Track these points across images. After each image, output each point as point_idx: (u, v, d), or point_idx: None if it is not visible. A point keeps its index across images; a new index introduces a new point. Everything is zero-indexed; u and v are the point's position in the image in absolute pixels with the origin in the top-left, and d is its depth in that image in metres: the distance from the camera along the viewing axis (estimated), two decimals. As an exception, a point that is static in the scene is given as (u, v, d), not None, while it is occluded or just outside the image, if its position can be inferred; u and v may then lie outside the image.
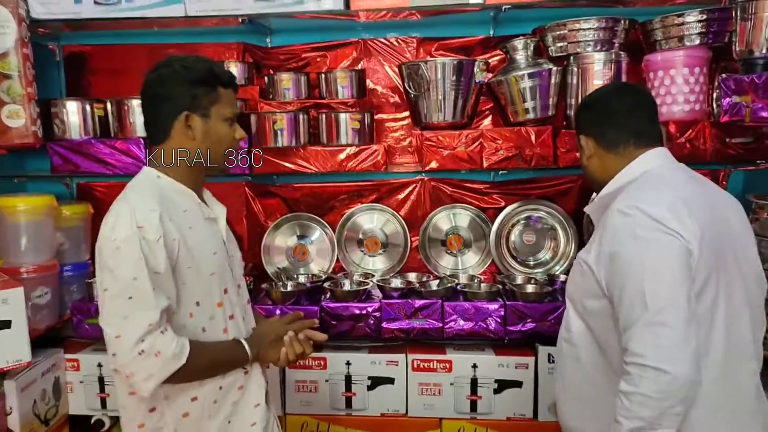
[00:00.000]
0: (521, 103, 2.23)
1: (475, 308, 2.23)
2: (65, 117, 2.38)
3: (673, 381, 1.16)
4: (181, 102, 1.39)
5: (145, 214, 1.31)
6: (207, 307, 1.42)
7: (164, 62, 1.43)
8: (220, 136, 1.44)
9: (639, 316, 1.21)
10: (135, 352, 1.27)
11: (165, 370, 1.30)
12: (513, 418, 2.28)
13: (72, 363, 2.41)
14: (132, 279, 1.28)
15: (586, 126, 1.50)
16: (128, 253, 1.28)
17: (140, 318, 1.28)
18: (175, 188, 1.42)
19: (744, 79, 1.83)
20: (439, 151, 2.23)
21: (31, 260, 2.27)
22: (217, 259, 1.44)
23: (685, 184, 1.37)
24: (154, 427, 1.40)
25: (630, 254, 1.25)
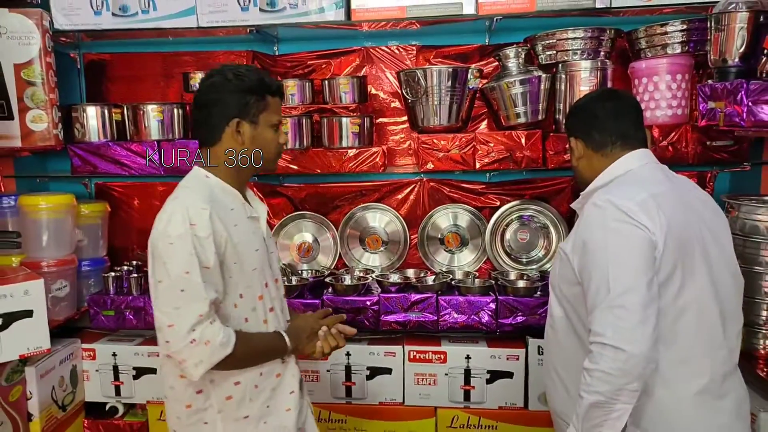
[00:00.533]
0: (513, 108, 2.35)
1: (468, 302, 2.34)
2: (85, 121, 2.53)
3: (629, 359, 1.25)
4: (232, 109, 1.50)
5: (197, 212, 1.41)
6: (249, 300, 1.53)
7: (217, 70, 1.54)
8: (267, 141, 1.55)
9: (602, 299, 1.31)
10: (187, 341, 1.39)
11: (213, 357, 1.41)
12: (504, 408, 2.39)
13: (88, 352, 2.55)
14: (184, 273, 1.38)
15: (576, 129, 1.61)
16: (181, 248, 1.39)
17: (191, 309, 1.39)
18: (223, 188, 1.53)
19: (718, 86, 1.92)
20: (435, 154, 2.36)
21: (51, 255, 2.43)
22: (259, 255, 1.55)
23: (660, 182, 1.45)
24: (200, 408, 1.51)
25: (598, 243, 1.36)
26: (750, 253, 1.97)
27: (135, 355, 2.53)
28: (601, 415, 1.30)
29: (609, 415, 1.30)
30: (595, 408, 1.30)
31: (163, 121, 2.49)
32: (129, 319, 2.49)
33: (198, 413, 1.51)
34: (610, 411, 1.29)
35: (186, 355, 1.40)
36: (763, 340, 1.99)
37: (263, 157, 1.56)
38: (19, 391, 2.26)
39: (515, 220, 2.60)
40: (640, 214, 1.35)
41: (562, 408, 1.54)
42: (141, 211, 2.80)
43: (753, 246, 1.97)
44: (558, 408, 1.56)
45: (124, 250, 2.83)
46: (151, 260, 1.46)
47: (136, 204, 2.80)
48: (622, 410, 1.29)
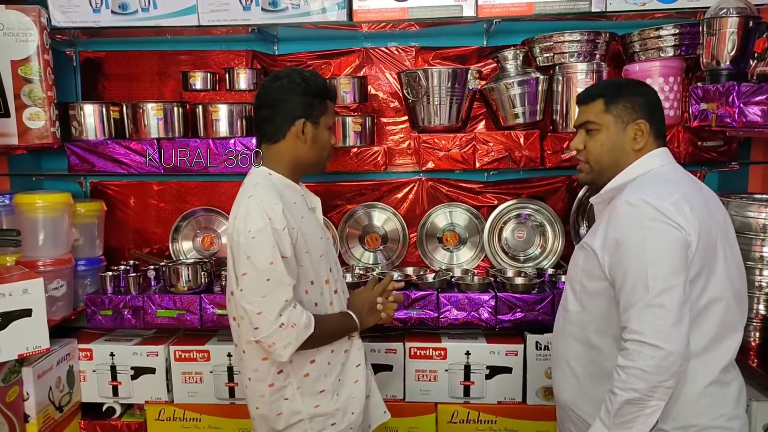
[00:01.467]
0: (511, 108, 2.40)
1: (468, 299, 2.38)
2: (82, 119, 2.51)
3: (668, 356, 1.29)
4: (299, 109, 1.61)
5: (271, 208, 1.52)
6: (318, 285, 1.66)
7: (285, 72, 1.65)
8: (324, 141, 1.68)
9: (640, 298, 1.33)
10: (276, 325, 1.51)
11: (300, 338, 1.55)
12: (503, 402, 2.43)
13: (85, 352, 2.53)
14: (269, 264, 1.50)
15: (644, 109, 1.51)
16: (263, 241, 1.50)
17: (278, 296, 1.51)
18: (285, 183, 1.65)
19: (710, 88, 1.98)
20: (435, 153, 2.40)
21: (47, 254, 2.40)
22: (323, 242, 1.69)
23: (686, 183, 1.47)
24: (281, 386, 1.65)
25: (635, 242, 1.36)
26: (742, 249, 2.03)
27: (133, 355, 2.51)
28: (634, 412, 1.33)
29: (642, 411, 1.32)
30: (629, 405, 1.32)
31: (163, 120, 2.48)
32: (127, 319, 2.47)
33: (280, 390, 1.65)
34: (643, 407, 1.32)
35: (276, 338, 1.52)
36: (755, 333, 2.06)
37: (319, 155, 1.69)
38: (15, 392, 2.23)
39: (513, 219, 2.66)
40: (676, 214, 1.36)
41: (572, 399, 1.57)
42: (137, 210, 2.78)
43: (744, 242, 2.04)
44: (568, 399, 1.58)
45: (120, 249, 2.81)
46: (232, 254, 1.58)
47: (132, 203, 2.79)
48: (655, 407, 1.32)
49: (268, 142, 1.66)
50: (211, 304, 2.43)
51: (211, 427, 2.52)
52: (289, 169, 1.66)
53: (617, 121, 1.51)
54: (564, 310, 1.60)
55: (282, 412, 1.66)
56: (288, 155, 1.64)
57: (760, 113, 1.83)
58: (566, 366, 1.58)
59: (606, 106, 1.52)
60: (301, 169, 1.70)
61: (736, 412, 1.47)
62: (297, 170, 1.68)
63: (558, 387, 1.63)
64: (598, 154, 1.54)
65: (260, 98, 1.65)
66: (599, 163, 1.55)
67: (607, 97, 1.52)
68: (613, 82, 1.60)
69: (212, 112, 2.47)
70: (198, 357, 2.50)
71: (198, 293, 2.45)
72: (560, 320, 1.62)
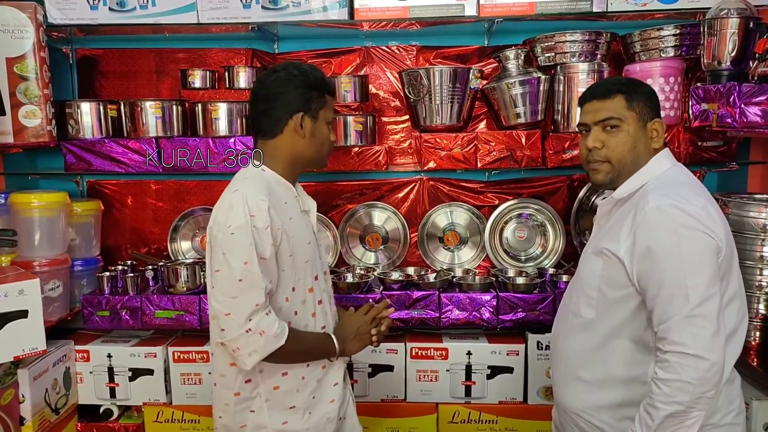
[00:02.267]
0: (513, 108, 2.40)
1: (469, 299, 2.38)
2: (79, 117, 2.48)
3: (711, 367, 1.27)
4: (297, 103, 1.55)
5: (256, 204, 1.44)
6: (300, 293, 1.57)
7: (282, 66, 1.59)
8: (323, 137, 1.61)
9: (679, 309, 1.29)
10: (243, 330, 1.43)
11: (266, 348, 1.45)
12: (505, 402, 2.43)
13: (82, 354, 2.49)
14: (243, 263, 1.42)
15: (656, 111, 1.50)
16: (241, 239, 1.42)
17: (249, 298, 1.43)
18: (278, 181, 1.57)
19: (711, 89, 1.99)
20: (437, 152, 2.39)
21: (44, 254, 2.37)
22: (311, 248, 1.60)
23: (699, 186, 1.47)
24: (248, 396, 1.56)
25: (670, 250, 1.32)
26: (741, 249, 2.05)
27: (131, 356, 2.48)
28: (674, 424, 1.30)
29: (683, 423, 1.30)
30: (671, 418, 1.30)
31: (161, 118, 2.46)
32: (125, 320, 2.44)
33: (246, 401, 1.56)
34: (685, 419, 1.30)
35: (241, 343, 1.44)
36: (755, 332, 2.08)
37: (319, 151, 1.61)
38: (11, 395, 2.19)
39: (514, 218, 2.66)
40: (708, 220, 1.34)
41: (580, 405, 1.52)
42: (134, 210, 2.75)
43: (745, 242, 2.05)
44: (575, 405, 1.53)
45: (117, 249, 2.77)
46: (209, 250, 1.50)
47: (129, 202, 2.75)
48: (696, 417, 1.30)
49: (264, 137, 1.59)
50: (211, 304, 2.40)
51: (210, 429, 2.49)
52: (287, 166, 1.59)
53: (639, 118, 1.47)
54: (573, 315, 1.53)
55: (246, 425, 1.57)
56: (285, 151, 1.57)
57: (761, 114, 1.84)
58: (573, 372, 1.53)
59: (628, 103, 1.47)
60: (299, 166, 1.62)
61: (741, 407, 1.49)
62: (295, 167, 1.61)
63: (562, 392, 1.58)
64: (621, 152, 1.46)
65: (256, 92, 1.59)
66: (621, 162, 1.47)
67: (627, 93, 1.47)
68: (626, 79, 1.56)
69: (211, 111, 2.45)
70: (197, 358, 2.47)
71: (197, 294, 2.43)
72: (567, 325, 1.57)
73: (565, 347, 1.58)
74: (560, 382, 1.59)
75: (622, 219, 1.44)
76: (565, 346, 1.57)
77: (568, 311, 1.58)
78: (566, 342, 1.57)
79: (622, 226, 1.42)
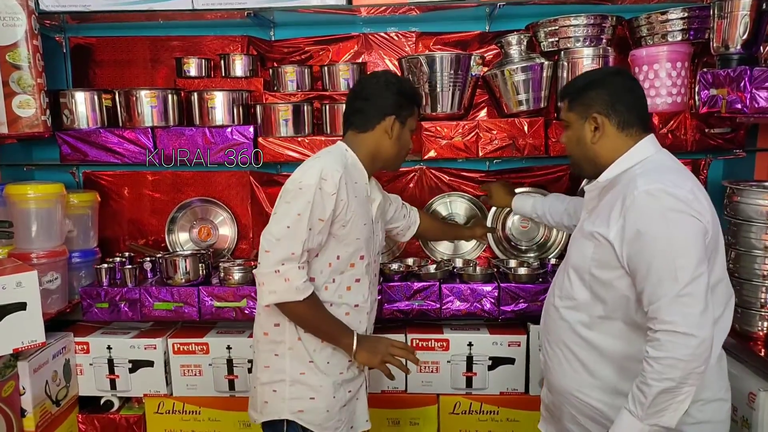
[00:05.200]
0: (515, 95, 2.35)
1: (470, 290, 2.35)
2: (74, 107, 2.45)
3: (701, 344, 1.32)
4: (391, 107, 1.75)
5: (330, 171, 1.62)
6: (343, 263, 1.72)
7: (382, 72, 1.83)
8: (405, 142, 1.82)
9: (669, 289, 1.34)
10: (273, 269, 1.60)
11: (285, 295, 1.61)
12: (506, 393, 2.42)
13: (82, 346, 2.49)
14: (297, 214, 1.59)
15: (597, 104, 1.54)
16: (305, 195, 1.59)
17: (288, 245, 1.59)
18: (355, 164, 1.75)
19: (720, 73, 1.94)
20: (438, 141, 2.35)
21: (41, 246, 2.35)
22: (365, 229, 1.75)
23: (685, 170, 1.51)
24: (275, 339, 1.73)
25: (659, 233, 1.37)
26: (750, 237, 2.01)
27: (131, 348, 2.47)
28: (667, 400, 1.35)
29: (675, 398, 1.35)
30: (664, 393, 1.34)
31: (157, 108, 2.42)
32: (124, 311, 2.42)
33: (272, 343, 1.74)
34: (676, 395, 1.35)
35: (267, 280, 1.61)
36: (761, 322, 2.04)
37: (398, 153, 1.81)
38: (11, 387, 2.19)
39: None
40: (695, 203, 1.39)
41: (575, 385, 1.57)
42: (131, 201, 2.73)
43: (753, 230, 2.01)
44: (569, 385, 1.58)
45: (115, 241, 2.76)
46: (279, 198, 1.67)
47: (126, 193, 2.73)
48: (687, 393, 1.35)
49: (355, 130, 1.77)
50: (210, 296, 2.38)
51: (211, 420, 2.50)
52: (367, 159, 1.76)
53: (578, 117, 1.58)
54: (568, 299, 1.58)
55: (269, 366, 1.74)
56: (371, 146, 1.75)
57: (773, 99, 1.79)
58: (568, 353, 1.58)
59: (569, 105, 1.61)
60: (378, 163, 1.79)
61: (728, 384, 1.57)
62: (374, 162, 1.78)
63: (555, 373, 1.63)
64: (569, 150, 1.65)
65: (356, 91, 1.78)
66: (574, 157, 1.64)
67: (570, 95, 1.61)
68: (580, 79, 1.65)
69: (208, 100, 2.41)
70: (197, 350, 2.46)
71: (196, 285, 2.41)
72: (559, 308, 1.61)
73: (557, 329, 1.62)
74: (554, 363, 1.63)
75: (611, 203, 1.48)
76: (558, 327, 1.62)
77: (558, 293, 1.62)
78: (558, 324, 1.61)
79: (612, 210, 1.47)
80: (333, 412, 1.74)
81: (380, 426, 2.42)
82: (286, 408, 1.72)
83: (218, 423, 2.49)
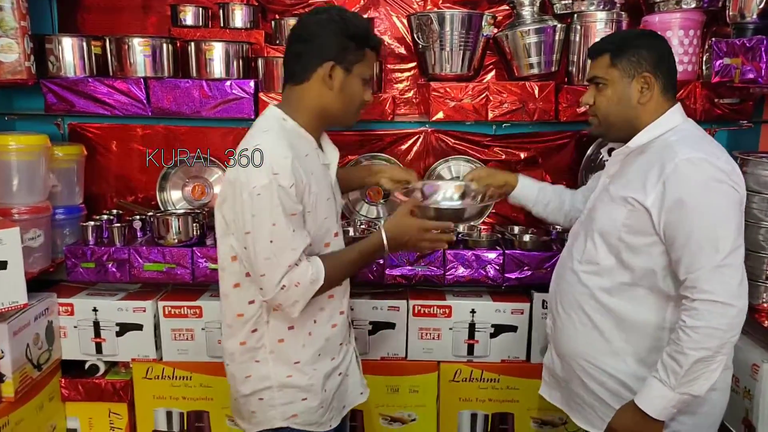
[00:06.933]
0: (526, 57, 2.29)
1: (475, 256, 2.30)
2: (60, 54, 2.30)
3: (739, 313, 1.35)
4: (331, 51, 1.43)
5: (279, 161, 1.37)
6: (316, 247, 1.52)
7: (324, 9, 1.49)
8: (354, 93, 1.49)
9: (709, 259, 1.34)
10: (278, 288, 1.40)
11: (307, 294, 1.44)
12: (507, 361, 2.39)
13: (66, 307, 2.36)
14: (271, 225, 1.37)
15: (651, 62, 1.49)
16: (267, 199, 1.36)
17: (281, 260, 1.39)
18: (298, 132, 1.48)
19: (735, 42, 1.91)
20: (446, 102, 2.27)
21: (23, 201, 2.21)
22: (330, 204, 1.55)
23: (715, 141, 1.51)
24: (254, 346, 1.54)
25: (701, 202, 1.36)
26: (760, 209, 2.01)
27: (118, 311, 2.35)
28: (701, 369, 1.36)
29: (709, 367, 1.36)
30: (699, 363, 1.35)
31: (151, 57, 2.28)
32: (112, 272, 2.30)
33: (251, 351, 1.54)
34: (711, 363, 1.36)
35: (281, 300, 1.43)
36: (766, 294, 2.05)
37: (345, 108, 1.51)
38: (-10, 350, 2.06)
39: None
40: (734, 174, 1.40)
41: (590, 351, 1.56)
42: (119, 156, 2.58)
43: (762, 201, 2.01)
44: (583, 351, 1.57)
45: (101, 197, 2.61)
46: (233, 208, 1.42)
47: (114, 147, 2.58)
48: (720, 361, 1.37)
49: (291, 82, 1.50)
50: (204, 257, 2.28)
51: (203, 386, 2.41)
52: (311, 118, 1.50)
53: (623, 75, 1.50)
54: (588, 263, 1.56)
55: (251, 375, 1.55)
56: (311, 101, 1.48)
57: (790, 70, 1.77)
58: (584, 318, 1.56)
59: (612, 61, 1.51)
60: (325, 120, 1.52)
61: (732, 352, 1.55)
62: (320, 120, 1.51)
63: (567, 338, 1.61)
64: (605, 110, 1.54)
65: (294, 31, 1.50)
66: (607, 119, 1.55)
67: (612, 52, 1.51)
68: (620, 35, 1.60)
69: (206, 51, 2.28)
70: (189, 313, 2.36)
71: (189, 246, 2.30)
72: (579, 273, 1.58)
73: (574, 293, 1.59)
74: (567, 328, 1.61)
75: (643, 169, 1.46)
76: (575, 292, 1.59)
77: (579, 258, 1.59)
78: (576, 288, 1.58)
79: (648, 176, 1.44)
80: (327, 405, 1.61)
81: (379, 393, 2.37)
82: (278, 415, 1.55)
83: (210, 390, 2.40)
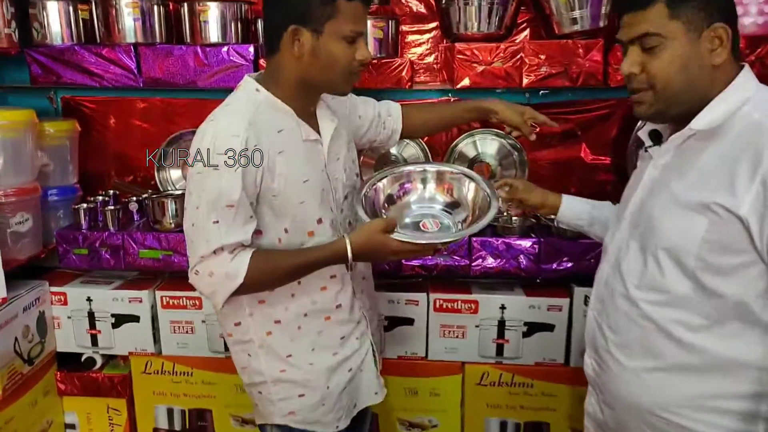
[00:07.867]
0: (568, 11, 1.94)
1: (506, 244, 2.01)
2: (45, 20, 2.10)
3: None
4: (292, 13, 1.24)
5: (226, 141, 1.23)
6: (297, 234, 1.36)
7: None
8: (333, 56, 1.28)
9: None
10: (192, 273, 1.32)
11: (225, 288, 1.29)
12: (542, 364, 2.10)
13: (59, 296, 2.20)
14: (195, 207, 1.27)
15: (724, 12, 1.11)
16: (199, 182, 1.26)
17: (196, 247, 1.29)
18: (273, 104, 1.32)
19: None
20: (473, 67, 1.96)
21: (8, 182, 2.02)
22: (308, 187, 1.35)
23: None
24: (241, 339, 1.45)
25: None
26: None
27: (113, 301, 2.17)
28: None
29: None
30: None
31: (140, 21, 2.05)
32: (105, 259, 2.12)
33: (240, 344, 1.46)
34: None
35: (198, 286, 1.34)
36: None
37: (325, 75, 1.30)
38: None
39: (561, 149, 2.24)
40: None
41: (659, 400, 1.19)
42: (118, 132, 2.38)
43: None
44: (648, 401, 1.20)
45: (99, 176, 2.42)
46: None
47: (111, 123, 2.38)
48: None
49: (267, 54, 1.34)
50: (203, 244, 2.06)
51: (204, 383, 2.22)
52: (291, 90, 1.32)
53: (688, 29, 1.10)
54: (653, 291, 1.18)
55: (246, 367, 1.48)
56: (288, 73, 1.31)
57: None
58: (653, 361, 1.19)
59: (672, 10, 1.10)
60: (309, 91, 1.35)
61: None
62: (303, 91, 1.34)
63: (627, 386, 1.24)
64: (665, 79, 1.12)
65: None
66: (668, 89, 1.13)
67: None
68: None
69: (200, 13, 2.03)
70: (188, 304, 2.16)
71: (187, 231, 2.09)
72: (639, 303, 1.20)
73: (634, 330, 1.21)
74: (625, 374, 1.23)
75: (727, 160, 1.08)
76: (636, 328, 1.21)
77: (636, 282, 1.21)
78: (639, 323, 1.20)
79: (735, 172, 1.06)
80: (331, 403, 1.46)
81: (396, 396, 2.13)
82: (276, 411, 1.46)
83: (212, 386, 2.21)
